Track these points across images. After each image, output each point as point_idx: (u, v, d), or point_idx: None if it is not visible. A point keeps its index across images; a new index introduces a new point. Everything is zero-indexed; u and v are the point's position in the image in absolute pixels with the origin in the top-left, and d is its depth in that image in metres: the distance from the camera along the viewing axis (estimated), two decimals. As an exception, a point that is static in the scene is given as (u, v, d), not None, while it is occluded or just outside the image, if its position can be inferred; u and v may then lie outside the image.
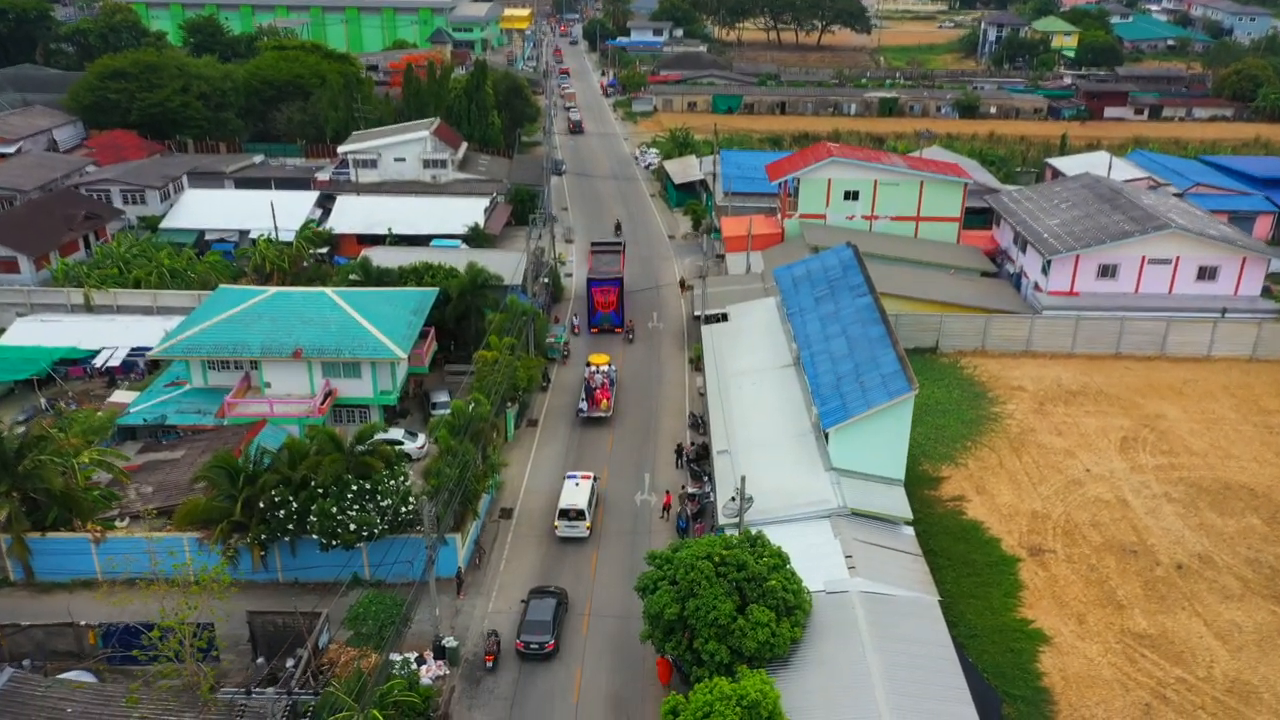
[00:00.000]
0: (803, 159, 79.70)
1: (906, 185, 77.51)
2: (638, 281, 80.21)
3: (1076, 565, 44.88)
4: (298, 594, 43.45)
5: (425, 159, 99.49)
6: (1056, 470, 52.69)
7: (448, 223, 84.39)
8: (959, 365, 65.28)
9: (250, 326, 53.83)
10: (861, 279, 57.11)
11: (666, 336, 71.68)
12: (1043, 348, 66.68)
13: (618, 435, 57.44)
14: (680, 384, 64.24)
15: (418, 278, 64.33)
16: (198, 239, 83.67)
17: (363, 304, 56.08)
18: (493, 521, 48.84)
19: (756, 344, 60.26)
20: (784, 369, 56.18)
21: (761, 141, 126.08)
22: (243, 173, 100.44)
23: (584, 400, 60.28)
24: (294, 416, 51.92)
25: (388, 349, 52.69)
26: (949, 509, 49.26)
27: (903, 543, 42.56)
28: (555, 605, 41.80)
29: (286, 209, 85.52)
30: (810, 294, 58.75)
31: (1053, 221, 72.06)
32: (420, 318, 57.76)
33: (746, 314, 65.46)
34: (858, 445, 45.12)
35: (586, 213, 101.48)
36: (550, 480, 52.50)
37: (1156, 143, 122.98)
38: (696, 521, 48.48)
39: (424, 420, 57.65)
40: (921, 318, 66.58)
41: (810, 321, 55.24)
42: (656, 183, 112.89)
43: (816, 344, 52.45)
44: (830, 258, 62.66)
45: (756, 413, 52.04)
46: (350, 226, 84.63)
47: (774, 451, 48.09)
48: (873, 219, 78.58)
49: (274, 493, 41.61)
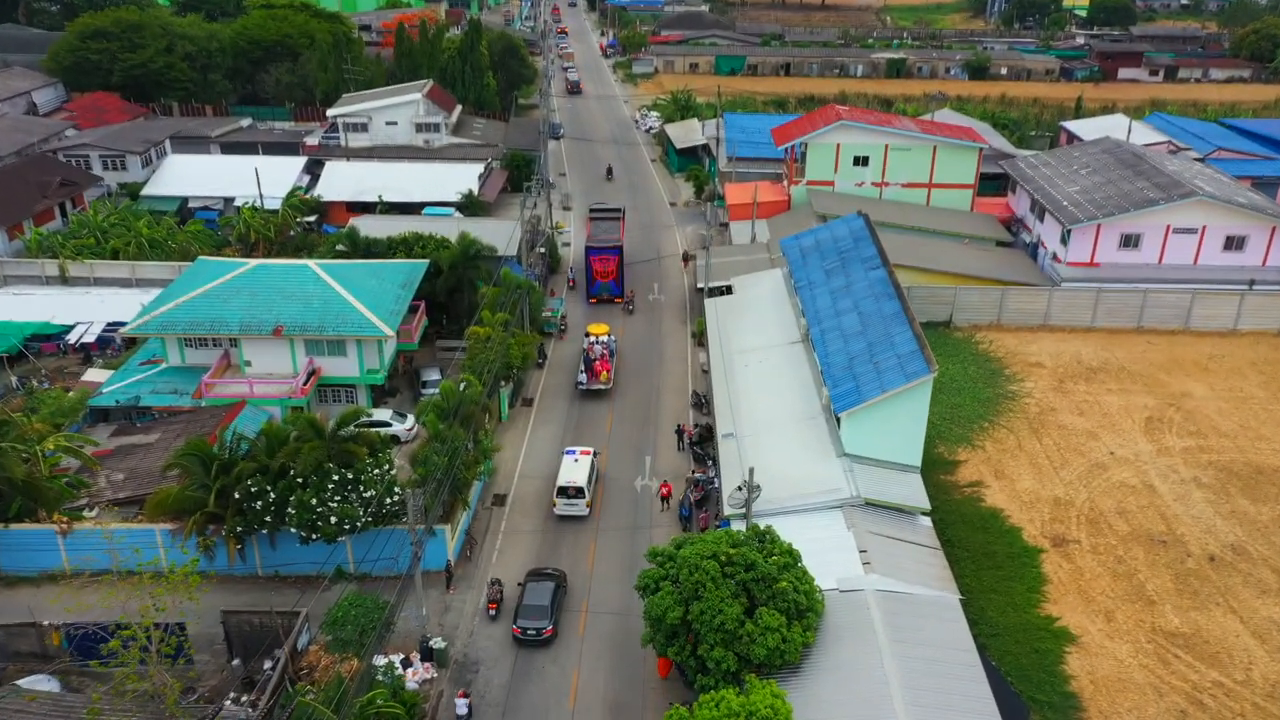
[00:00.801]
0: (810, 123, 76.27)
1: (919, 150, 74.18)
2: (638, 252, 77.17)
3: (1103, 557, 42.37)
4: (278, 588, 41.04)
5: (418, 122, 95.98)
6: (1078, 453, 50.04)
7: (440, 190, 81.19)
8: (974, 340, 62.44)
9: (228, 301, 50.93)
10: (874, 250, 54.10)
11: (668, 309, 68.77)
12: (1061, 321, 63.81)
13: (617, 415, 54.76)
14: (682, 359, 61.45)
15: (407, 249, 61.28)
16: (180, 207, 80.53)
17: (348, 277, 53.12)
18: (485, 509, 46.30)
19: (763, 318, 57.39)
20: (792, 346, 53.36)
21: (765, 104, 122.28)
22: (229, 137, 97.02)
23: (583, 372, 57.73)
24: (275, 397, 49.18)
25: (374, 326, 49.84)
26: (966, 495, 46.69)
27: (920, 535, 40.01)
28: (554, 589, 39.68)
29: (273, 175, 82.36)
30: (820, 266, 55.77)
31: (1072, 188, 68.83)
32: (409, 292, 54.84)
33: (752, 286, 62.53)
34: (872, 430, 42.44)
35: (585, 179, 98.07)
36: (546, 464, 49.92)
37: (1174, 105, 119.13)
38: (700, 509, 45.93)
39: (414, 400, 54.94)
40: (935, 290, 63.62)
41: (820, 296, 52.32)
42: (657, 147, 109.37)
43: (827, 320, 49.59)
44: (840, 227, 59.58)
45: (763, 393, 49.30)
46: (339, 194, 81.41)
47: (782, 435, 45.41)
48: (883, 186, 75.34)
49: (250, 482, 39.01)
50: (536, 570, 41.51)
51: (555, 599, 39.46)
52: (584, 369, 58.17)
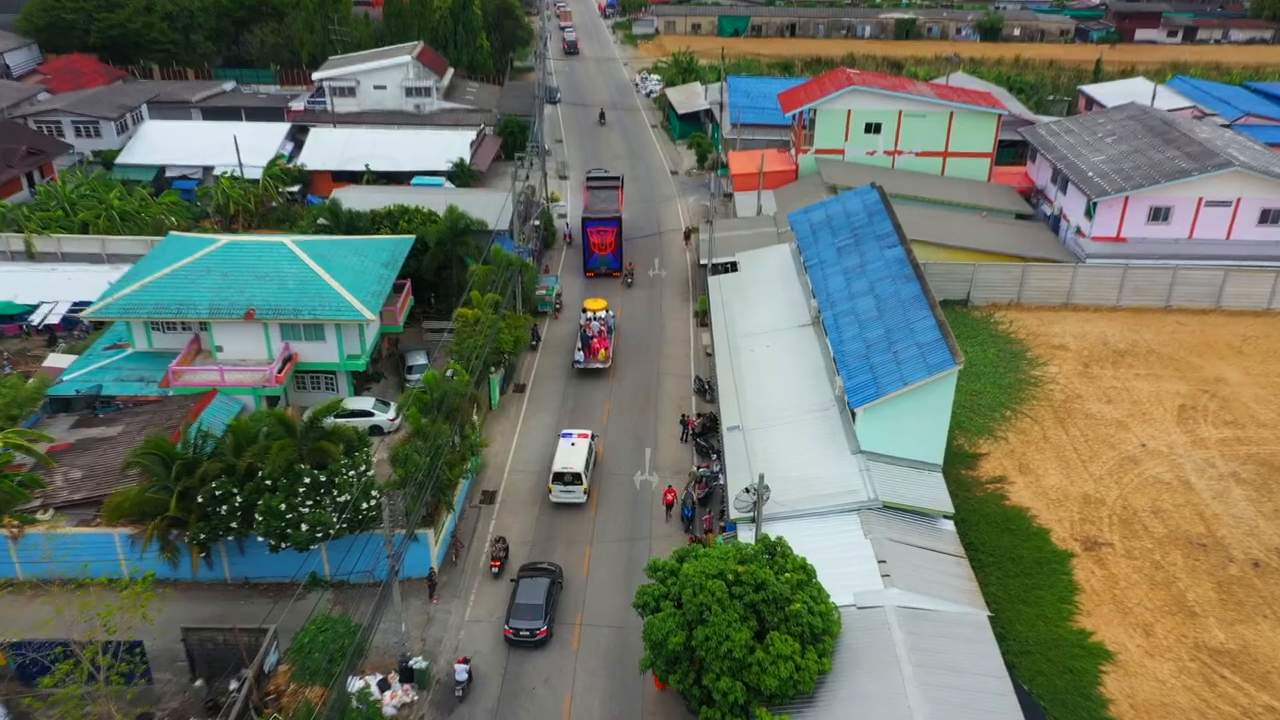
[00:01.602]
0: (820, 87, 72.20)
1: (934, 117, 70.21)
2: (638, 226, 73.51)
3: (1138, 562, 39.27)
4: (248, 597, 38.05)
5: (407, 86, 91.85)
6: (1108, 445, 46.81)
7: (430, 158, 77.33)
8: (993, 320, 58.98)
9: (197, 282, 47.41)
10: (890, 226, 50.48)
11: (669, 285, 65.23)
12: (1085, 300, 60.31)
13: (615, 402, 51.48)
14: (684, 340, 58.04)
15: (392, 223, 57.63)
16: (157, 176, 76.76)
17: (327, 255, 49.55)
18: (473, 507, 43.16)
19: (770, 298, 53.90)
20: (802, 329, 49.92)
21: (771, 67, 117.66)
22: (210, 102, 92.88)
23: (580, 350, 54.56)
24: (248, 386, 45.86)
25: (354, 309, 46.39)
26: (989, 493, 43.52)
27: (943, 541, 36.85)
28: (549, 586, 36.98)
29: (255, 143, 78.67)
30: (831, 243, 52.16)
31: (1097, 158, 64.98)
32: (393, 270, 51.31)
33: (758, 263, 58.94)
34: (890, 426, 39.14)
35: (583, 146, 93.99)
36: (539, 456, 46.74)
37: (1196, 68, 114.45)
38: (704, 507, 42.82)
39: (399, 386, 51.64)
40: (951, 267, 60.05)
41: (832, 276, 48.79)
42: (658, 112, 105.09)
43: (840, 303, 46.11)
44: (853, 201, 55.87)
45: (772, 381, 45.96)
46: (324, 162, 77.56)
47: (792, 429, 42.13)
48: (896, 154, 71.48)
49: (215, 485, 35.81)
50: (531, 565, 38.78)
51: (550, 597, 36.82)
52: (581, 347, 55.01)
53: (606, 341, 55.78)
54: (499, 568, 39.22)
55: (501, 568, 39.25)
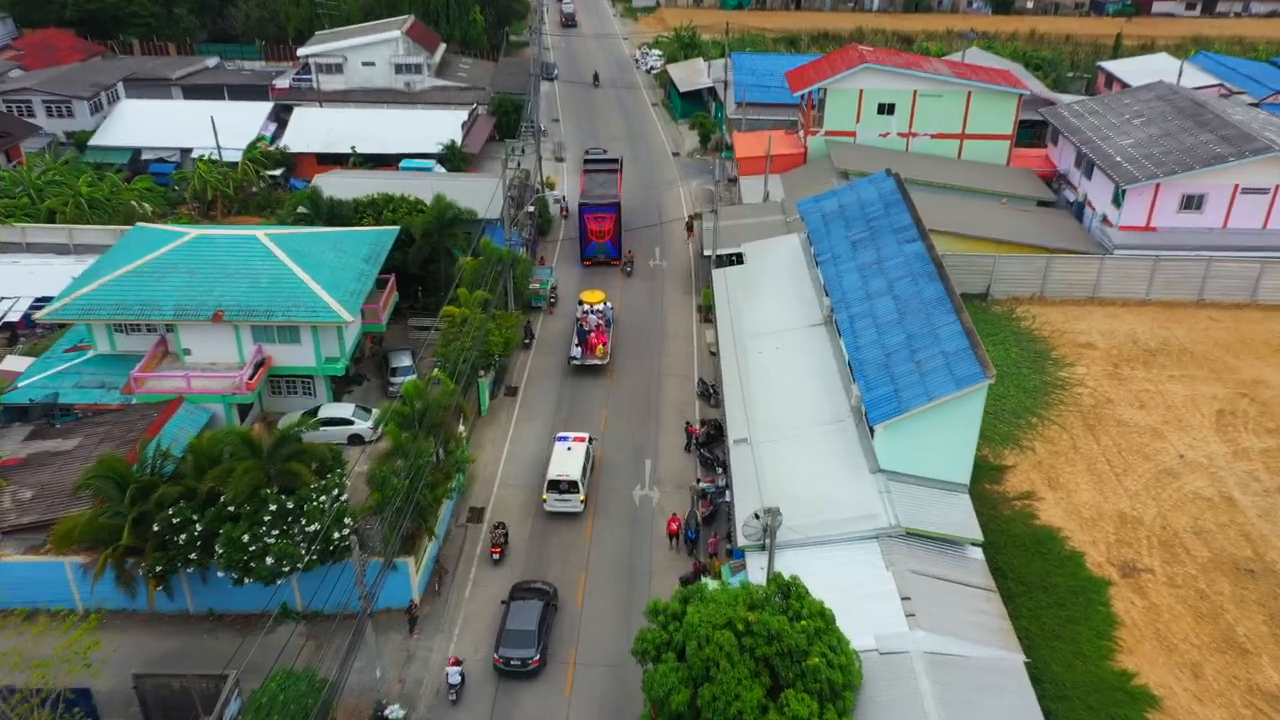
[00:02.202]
0: (830, 65, 68.30)
1: (951, 97, 66.37)
2: (638, 211, 69.86)
3: (1182, 591, 36.10)
4: (213, 629, 34.99)
5: (397, 63, 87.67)
6: (1143, 456, 43.54)
7: (420, 139, 73.52)
8: (1014, 316, 55.54)
9: (162, 280, 43.95)
10: (909, 219, 46.94)
11: (670, 277, 61.74)
12: (1112, 293, 56.84)
13: (613, 407, 48.17)
14: (687, 337, 54.65)
15: (375, 213, 54.07)
16: (133, 159, 73.10)
17: (303, 251, 46.05)
18: (458, 527, 39.97)
19: (779, 294, 50.44)
20: (813, 329, 46.51)
21: (776, 42, 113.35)
22: (191, 79, 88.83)
23: (576, 345, 51.38)
24: (217, 393, 42.52)
25: (331, 310, 42.96)
26: (1018, 510, 40.29)
27: (971, 572, 33.65)
28: (542, 610, 34.18)
29: (235, 123, 74.85)
30: (845, 236, 48.62)
31: (1125, 141, 61.22)
32: (375, 266, 47.82)
33: (765, 254, 55.40)
34: (913, 443, 35.84)
35: (580, 126, 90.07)
36: (531, 467, 43.54)
37: (1219, 43, 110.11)
38: (709, 526, 39.64)
39: (383, 389, 48.33)
40: (971, 259, 56.51)
41: (847, 273, 45.30)
42: (659, 89, 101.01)
43: (856, 304, 42.65)
44: (867, 189, 52.25)
45: (782, 388, 42.61)
46: (308, 144, 73.80)
47: (805, 443, 38.83)
48: (910, 136, 67.71)
49: (172, 511, 32.62)
50: (523, 584, 35.92)
51: (544, 622, 34.04)
52: (577, 342, 51.83)
53: (604, 336, 52.57)
54: (499, 555, 38.16)
55: (502, 555, 38.22)
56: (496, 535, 38.90)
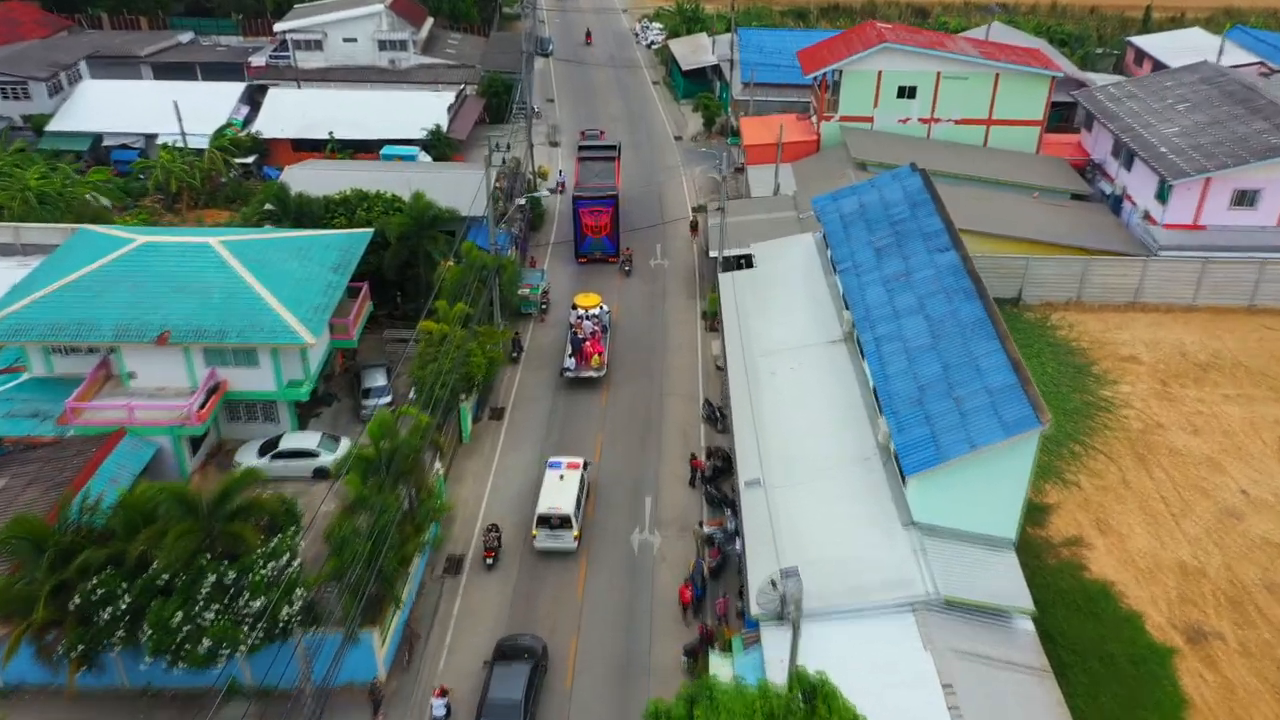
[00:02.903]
0: (846, 45, 62.94)
1: (977, 79, 61.11)
2: (637, 202, 64.82)
3: (1257, 662, 31.64)
4: (150, 709, 30.56)
5: (380, 39, 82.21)
6: (1201, 492, 38.94)
7: (403, 124, 68.28)
8: (1049, 324, 50.77)
9: (104, 295, 39.16)
10: (939, 223, 42.01)
11: (673, 278, 56.85)
12: (1156, 298, 52.04)
13: (610, 431, 43.53)
14: (691, 348, 49.91)
15: (348, 211, 49.15)
16: (93, 145, 67.89)
17: (262, 259, 41.20)
18: (434, 580, 35.44)
19: (793, 304, 45.63)
20: (833, 345, 41.74)
21: (784, 15, 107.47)
22: (162, 56, 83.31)
23: (570, 356, 46.90)
24: (164, 425, 37.81)
25: (291, 331, 38.18)
26: (1065, 560, 35.75)
27: (1021, 648, 29.14)
28: (529, 674, 30.13)
29: (205, 105, 69.63)
30: (867, 241, 43.70)
31: (1169, 129, 56.07)
32: (345, 275, 42.97)
33: (777, 256, 50.48)
34: (951, 494, 31.21)
35: (577, 108, 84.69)
36: (518, 503, 39.00)
37: (1254, 15, 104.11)
38: (717, 579, 35.14)
39: (355, 411, 43.70)
40: (1001, 260, 51.59)
41: (871, 287, 40.42)
42: (659, 65, 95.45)
43: (882, 324, 37.82)
44: (890, 186, 47.23)
45: (798, 417, 37.91)
46: (282, 129, 68.61)
47: (826, 488, 34.19)
48: (932, 122, 62.51)
49: (96, 581, 28.11)
50: (509, 641, 31.76)
51: (531, 688, 29.94)
52: (571, 351, 47.29)
53: (600, 345, 47.98)
54: (493, 559, 36.17)
55: (495, 558, 36.25)
56: (490, 539, 36.49)
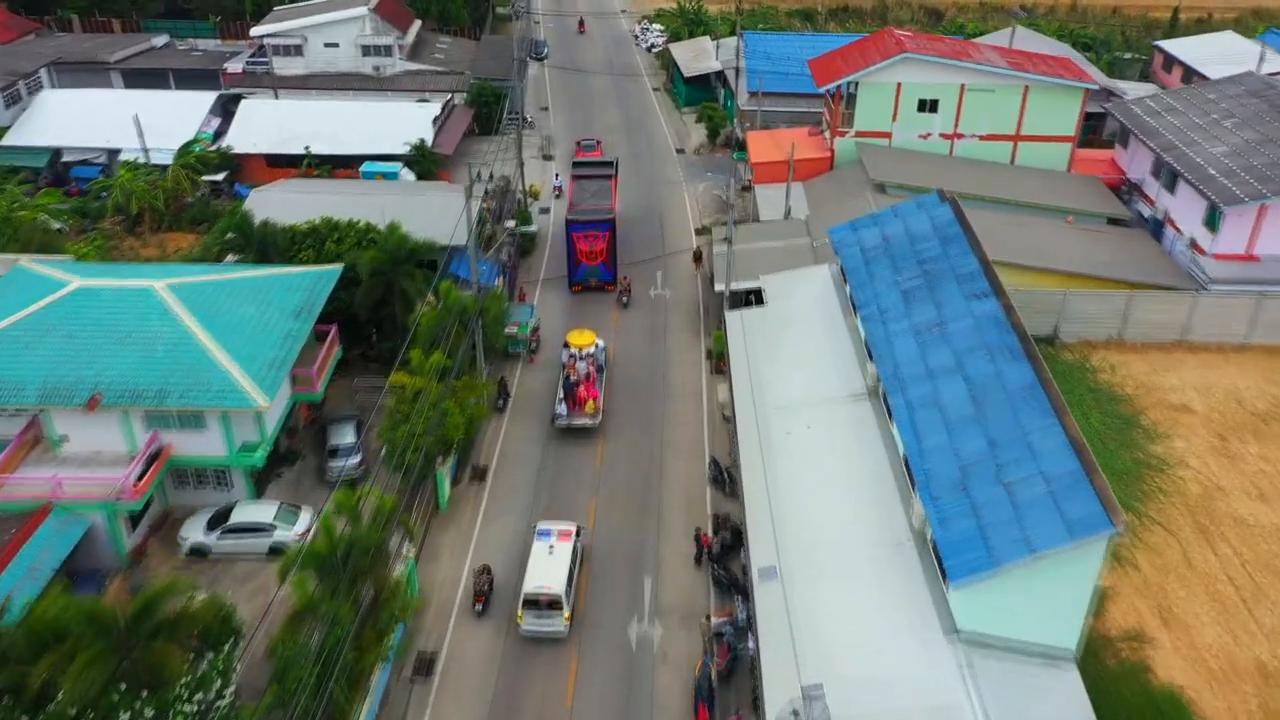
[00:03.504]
0: (862, 55, 58.22)
1: (1004, 92, 56.44)
2: (636, 226, 60.24)
3: (1359, 795, 27.11)
4: None
5: (364, 44, 77.44)
6: (1275, 573, 34.35)
7: (385, 138, 63.61)
8: (1089, 366, 46.16)
9: (32, 348, 34.61)
10: (975, 263, 37.35)
11: (675, 311, 52.23)
12: (1205, 336, 47.42)
13: (605, 496, 38.97)
14: (695, 395, 45.32)
15: (317, 243, 44.52)
16: (52, 161, 63.22)
17: (214, 306, 36.62)
18: (401, 685, 30.83)
19: (810, 349, 40.98)
20: (856, 401, 37.12)
21: (790, 17, 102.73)
22: (132, 62, 78.57)
23: (561, 401, 42.38)
24: (96, 499, 33.23)
25: (241, 392, 33.61)
26: (1125, 662, 31.15)
27: (1089, 793, 24.62)
28: None
29: (174, 117, 65.02)
30: (893, 281, 39.04)
31: (1217, 149, 51.38)
32: (308, 321, 38.37)
33: (790, 292, 45.79)
34: (1003, 601, 26.63)
35: (573, 116, 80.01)
36: (503, 582, 34.38)
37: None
38: (727, 683, 30.61)
39: (319, 471, 39.12)
40: (1036, 295, 46.89)
41: (899, 338, 35.78)
42: (660, 70, 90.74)
43: (915, 386, 33.17)
44: (916, 217, 42.56)
45: (818, 489, 33.33)
46: (255, 143, 63.92)
47: (853, 581, 29.60)
48: (955, 138, 57.86)
49: (-11, 717, 23.61)
50: None
51: None
52: (563, 396, 42.75)
53: (596, 389, 43.50)
54: (483, 605, 33.06)
55: (486, 605, 33.13)
56: (480, 582, 33.46)
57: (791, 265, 48.55)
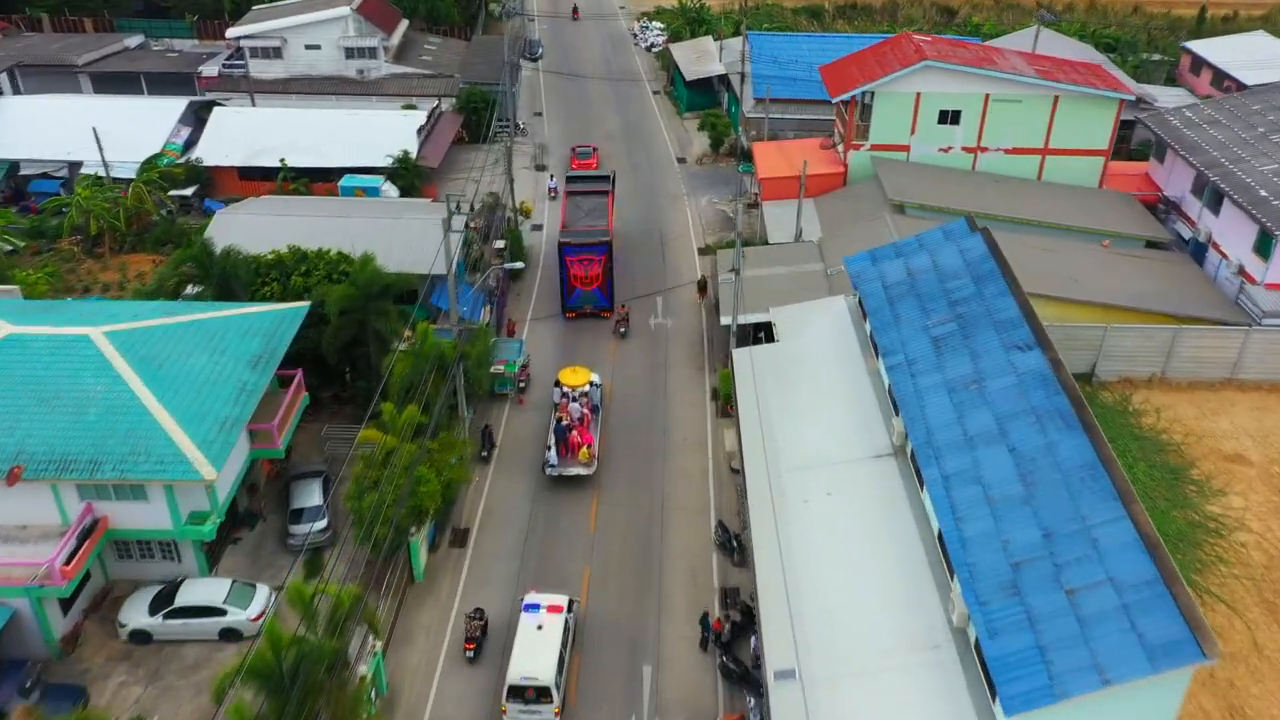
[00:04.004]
0: (878, 62, 53.98)
1: (1032, 102, 52.22)
2: (635, 245, 56.17)
3: None
4: None
5: (347, 46, 73.22)
6: (1357, 662, 30.44)
7: (366, 149, 59.52)
8: (1131, 409, 42.11)
9: (-50, 408, 30.56)
10: (1015, 307, 33.26)
11: (676, 343, 48.13)
12: (1257, 374, 43.41)
13: (600, 560, 35.00)
14: (700, 444, 41.22)
15: (283, 275, 40.41)
16: (9, 173, 59.07)
17: (158, 356, 32.53)
18: (365, 805, 26.92)
19: (827, 397, 36.92)
20: (880, 462, 33.12)
21: (796, 14, 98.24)
22: (103, 65, 74.32)
23: (552, 447, 38.40)
24: (17, 585, 29.18)
25: (184, 462, 29.55)
26: (1195, 777, 27.26)
27: None
28: None
29: (141, 126, 60.85)
30: (920, 325, 34.95)
31: (1266, 166, 47.22)
32: (267, 372, 34.25)
33: (804, 327, 41.70)
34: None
35: (569, 122, 75.78)
36: (484, 667, 30.44)
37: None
38: (737, 802, 26.71)
39: (282, 536, 35.11)
40: (1072, 331, 42.79)
41: (930, 394, 31.70)
42: (661, 71, 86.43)
43: (951, 456, 29.09)
44: (944, 249, 38.45)
45: (841, 574, 29.32)
46: (227, 155, 59.77)
47: (883, 688, 25.63)
48: (978, 152, 53.68)
49: None
50: None
51: None
52: (554, 441, 38.77)
53: (590, 434, 39.60)
54: (474, 651, 30.70)
55: (478, 650, 30.76)
56: (472, 627, 31.00)
57: (804, 294, 44.51)
